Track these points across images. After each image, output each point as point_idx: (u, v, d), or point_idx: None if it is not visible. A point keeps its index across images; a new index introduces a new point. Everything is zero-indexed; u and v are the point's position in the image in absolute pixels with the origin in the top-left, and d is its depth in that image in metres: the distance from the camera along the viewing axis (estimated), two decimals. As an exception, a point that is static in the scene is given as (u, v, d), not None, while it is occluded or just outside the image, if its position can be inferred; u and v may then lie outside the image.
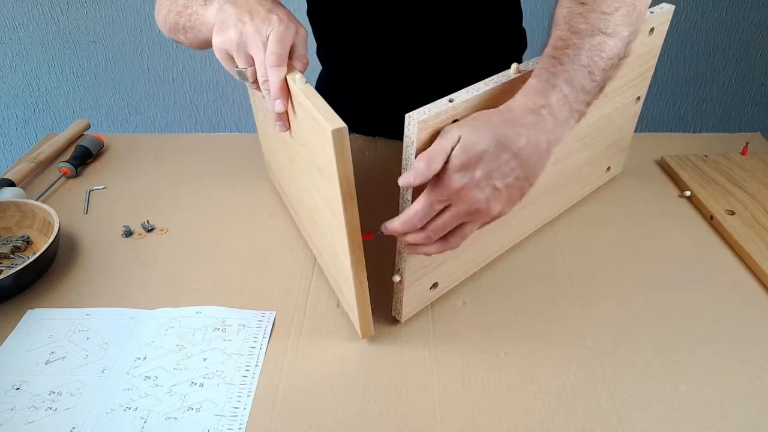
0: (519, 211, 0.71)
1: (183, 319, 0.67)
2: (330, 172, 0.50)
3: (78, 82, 1.86)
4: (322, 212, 0.60)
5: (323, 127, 0.47)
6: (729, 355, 0.62)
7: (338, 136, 0.46)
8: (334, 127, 0.46)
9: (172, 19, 0.68)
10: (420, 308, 0.67)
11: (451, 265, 0.66)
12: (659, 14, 0.73)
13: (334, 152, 0.47)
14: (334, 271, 0.66)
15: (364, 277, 0.57)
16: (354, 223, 0.52)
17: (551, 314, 0.67)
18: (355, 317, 0.62)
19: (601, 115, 0.75)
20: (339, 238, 0.56)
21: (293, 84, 0.54)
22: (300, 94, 0.53)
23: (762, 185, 0.86)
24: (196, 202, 0.87)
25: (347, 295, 0.63)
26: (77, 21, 1.75)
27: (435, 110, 0.49)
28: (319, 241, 0.68)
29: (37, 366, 0.62)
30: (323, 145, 0.49)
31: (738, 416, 0.56)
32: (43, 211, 0.78)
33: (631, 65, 0.74)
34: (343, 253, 0.56)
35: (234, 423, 0.55)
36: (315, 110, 0.49)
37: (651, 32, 0.74)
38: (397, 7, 0.82)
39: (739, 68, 1.83)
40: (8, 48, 1.79)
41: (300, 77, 0.54)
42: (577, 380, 0.59)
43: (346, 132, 0.47)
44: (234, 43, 0.56)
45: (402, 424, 0.55)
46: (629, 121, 0.84)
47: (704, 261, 0.75)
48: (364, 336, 0.64)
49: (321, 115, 0.48)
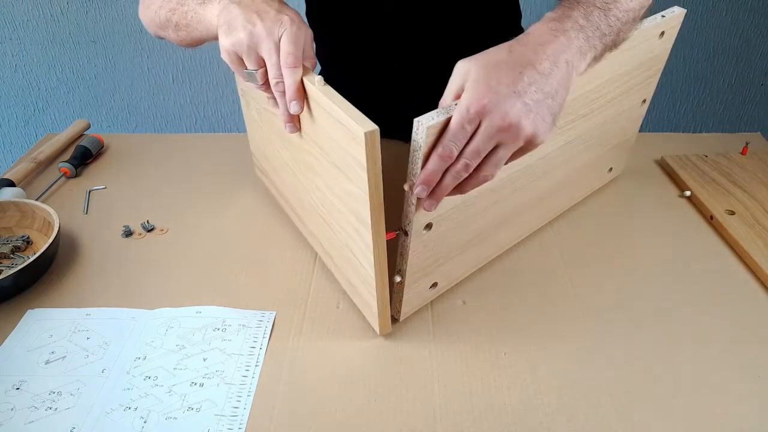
0: (519, 211, 0.72)
1: (183, 319, 0.67)
2: (355, 174, 0.51)
3: (78, 82, 1.86)
4: (338, 212, 0.61)
5: (353, 130, 0.48)
6: (729, 355, 0.62)
7: (371, 139, 0.47)
8: (367, 129, 0.47)
9: (163, 15, 0.68)
10: (419, 307, 0.67)
11: (451, 265, 0.66)
12: (670, 18, 0.72)
13: (365, 154, 0.48)
14: (347, 270, 0.66)
15: (386, 277, 0.58)
16: (380, 224, 0.53)
17: (551, 314, 0.67)
18: (373, 315, 0.63)
19: (606, 118, 0.75)
20: (360, 238, 0.56)
21: (311, 86, 0.55)
22: (321, 95, 0.53)
23: (762, 185, 0.86)
24: (196, 202, 0.87)
25: (364, 295, 0.63)
26: (77, 21, 1.75)
27: (444, 115, 0.49)
28: (329, 241, 0.68)
29: (37, 366, 0.62)
30: (351, 147, 0.50)
31: (738, 416, 0.56)
32: (43, 211, 0.78)
33: (638, 69, 0.74)
34: (364, 254, 0.57)
35: (234, 423, 0.55)
36: (342, 112, 0.50)
37: (661, 36, 0.73)
38: (397, 7, 0.82)
39: (739, 68, 1.83)
40: (8, 48, 1.79)
41: (319, 78, 0.54)
42: (577, 380, 0.59)
43: (377, 134, 0.47)
44: (244, 45, 0.55)
45: (402, 424, 0.55)
46: (634, 123, 0.84)
47: (704, 261, 0.75)
48: (383, 333, 0.64)
49: (350, 117, 0.49)
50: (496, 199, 0.65)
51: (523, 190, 0.69)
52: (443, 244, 0.62)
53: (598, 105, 0.71)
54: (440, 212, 0.57)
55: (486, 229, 0.68)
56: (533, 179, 0.70)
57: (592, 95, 0.69)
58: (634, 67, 0.73)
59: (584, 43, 0.52)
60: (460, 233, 0.63)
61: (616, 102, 0.75)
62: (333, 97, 0.52)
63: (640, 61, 0.73)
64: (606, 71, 0.67)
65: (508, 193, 0.67)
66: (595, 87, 0.68)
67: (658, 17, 0.71)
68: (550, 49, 0.50)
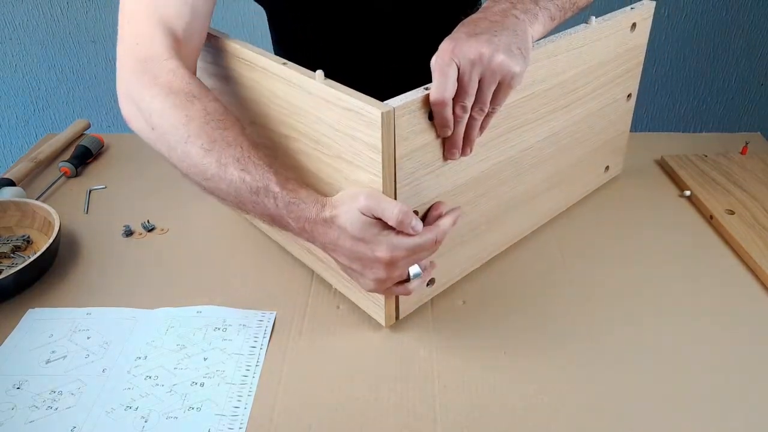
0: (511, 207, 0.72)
1: (183, 318, 0.67)
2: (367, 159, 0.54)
3: (78, 82, 1.86)
4: None
5: (368, 113, 0.51)
6: (729, 354, 0.62)
7: (386, 119, 0.50)
8: (383, 110, 0.49)
9: (218, 180, 0.57)
10: (418, 305, 0.67)
11: (446, 262, 0.66)
12: (639, 10, 0.75)
13: (381, 136, 0.50)
14: None
15: None
16: None
17: (551, 314, 0.67)
18: (378, 307, 0.63)
19: (590, 111, 0.76)
20: None
21: (313, 81, 0.56)
22: (326, 88, 0.55)
23: (762, 185, 0.86)
24: (197, 202, 0.87)
25: None
26: (77, 21, 1.75)
27: (411, 97, 0.52)
28: None
29: (37, 365, 0.62)
30: (362, 132, 0.53)
31: (738, 416, 0.56)
32: (44, 211, 0.78)
33: (614, 61, 0.76)
34: None
35: (234, 422, 0.55)
36: (352, 99, 0.52)
37: (633, 28, 0.75)
38: (388, 5, 0.81)
39: (739, 68, 1.83)
40: (8, 48, 1.79)
41: (319, 73, 0.56)
42: (577, 380, 0.59)
43: (392, 114, 0.51)
44: (381, 288, 0.57)
45: (402, 423, 0.55)
46: (622, 118, 0.84)
47: (704, 261, 0.75)
48: (388, 324, 0.65)
49: (362, 101, 0.51)
50: (482, 191, 0.66)
51: (510, 183, 0.70)
52: None
53: (577, 96, 0.73)
54: (424, 201, 0.59)
55: (478, 225, 0.68)
56: (519, 172, 0.70)
57: (570, 85, 0.70)
58: (609, 59, 0.75)
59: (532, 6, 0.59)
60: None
61: (598, 95, 0.76)
62: (338, 87, 0.54)
63: (616, 52, 0.75)
64: (577, 61, 0.69)
65: (494, 185, 0.67)
66: (570, 77, 0.70)
67: (627, 9, 0.74)
68: (498, 16, 0.57)
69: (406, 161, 0.55)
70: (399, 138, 0.52)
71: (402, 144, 0.53)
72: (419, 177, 0.57)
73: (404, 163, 0.55)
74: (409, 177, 0.56)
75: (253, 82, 0.65)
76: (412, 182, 0.57)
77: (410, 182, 0.56)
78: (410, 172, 0.56)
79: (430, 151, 0.57)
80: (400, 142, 0.53)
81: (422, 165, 0.57)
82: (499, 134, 0.64)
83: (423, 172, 0.57)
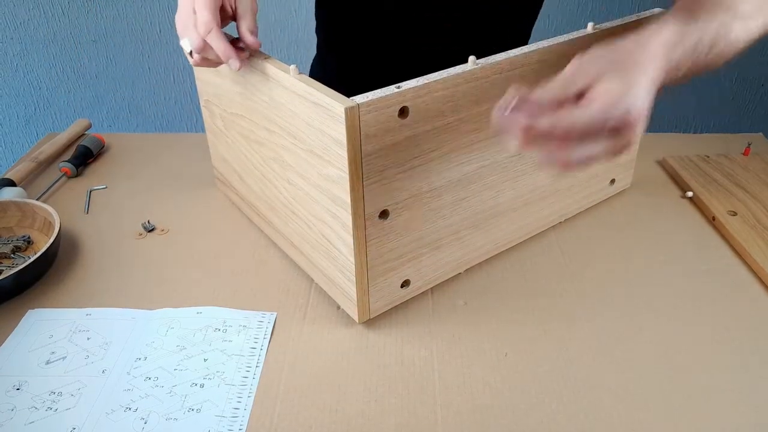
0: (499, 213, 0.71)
1: (183, 319, 0.67)
2: (335, 154, 0.54)
3: (79, 82, 1.86)
4: (313, 202, 0.62)
5: (332, 108, 0.51)
6: (731, 355, 0.62)
7: (350, 115, 0.50)
8: (347, 105, 0.50)
9: None
10: (390, 306, 0.67)
11: (423, 264, 0.66)
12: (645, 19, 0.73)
13: (345, 131, 0.51)
14: (321, 262, 0.67)
15: (365, 260, 0.59)
16: (359, 203, 0.55)
17: (552, 314, 0.67)
18: (351, 302, 0.63)
19: None
20: (338, 222, 0.59)
21: (285, 75, 0.57)
22: (297, 82, 0.56)
23: (764, 186, 0.86)
24: (197, 202, 0.87)
25: (341, 283, 0.64)
26: (78, 20, 1.76)
27: (378, 94, 0.52)
28: (301, 236, 0.69)
29: (37, 366, 0.62)
30: (329, 127, 0.53)
31: (739, 416, 0.55)
32: (44, 211, 0.78)
33: None
34: (343, 238, 0.59)
35: (234, 424, 0.55)
36: (319, 94, 0.53)
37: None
38: (397, 5, 0.82)
39: (741, 69, 1.83)
40: (9, 47, 1.79)
41: (294, 67, 0.57)
42: (578, 381, 0.59)
43: (356, 111, 0.51)
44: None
45: (402, 424, 0.55)
46: None
47: (706, 262, 0.75)
48: (361, 320, 0.65)
49: (328, 96, 0.52)
50: (464, 195, 0.66)
51: (495, 189, 0.69)
52: (407, 236, 0.62)
53: None
54: (396, 200, 0.59)
55: (460, 229, 0.68)
56: (506, 179, 0.69)
57: None
58: None
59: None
60: (426, 227, 0.64)
61: None
62: (309, 82, 0.55)
63: None
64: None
65: (477, 190, 0.67)
66: None
67: (633, 17, 0.74)
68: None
69: (374, 158, 0.54)
70: (366, 134, 0.52)
71: (370, 141, 0.53)
72: (390, 176, 0.57)
73: (372, 160, 0.54)
74: (378, 175, 0.56)
75: (240, 76, 0.67)
76: (382, 180, 0.56)
77: (379, 180, 0.56)
78: (379, 170, 0.56)
79: (403, 149, 0.57)
80: (367, 139, 0.53)
81: (394, 163, 0.57)
82: (485, 137, 0.64)
83: (395, 171, 0.57)
